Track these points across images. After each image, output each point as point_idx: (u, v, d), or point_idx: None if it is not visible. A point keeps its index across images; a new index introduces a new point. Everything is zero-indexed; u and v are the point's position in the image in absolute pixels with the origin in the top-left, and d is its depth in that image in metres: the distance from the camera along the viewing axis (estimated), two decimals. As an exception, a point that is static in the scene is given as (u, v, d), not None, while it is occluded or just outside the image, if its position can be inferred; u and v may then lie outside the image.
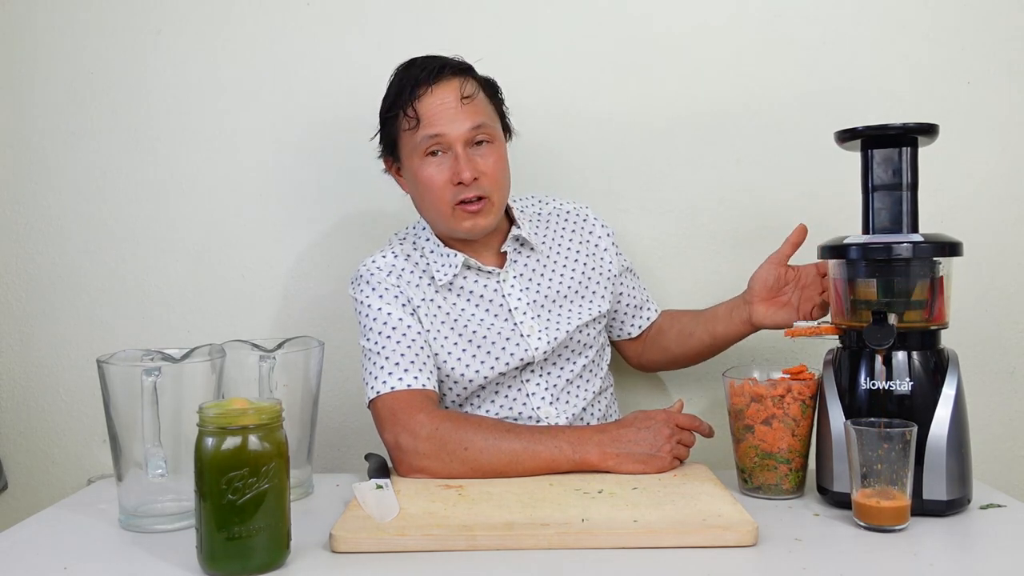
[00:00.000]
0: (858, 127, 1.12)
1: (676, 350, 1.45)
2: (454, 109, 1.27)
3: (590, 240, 1.43)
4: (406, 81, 1.29)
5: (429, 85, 1.27)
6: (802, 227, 1.30)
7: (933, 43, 1.57)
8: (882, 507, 0.99)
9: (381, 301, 1.30)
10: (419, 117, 1.27)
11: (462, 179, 1.26)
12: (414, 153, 1.29)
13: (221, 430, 0.90)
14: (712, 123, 1.59)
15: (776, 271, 1.31)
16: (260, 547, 0.90)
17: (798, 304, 1.29)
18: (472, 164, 1.27)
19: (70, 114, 1.63)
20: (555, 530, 0.96)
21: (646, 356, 1.50)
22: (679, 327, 1.45)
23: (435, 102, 1.27)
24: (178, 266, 1.63)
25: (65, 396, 1.65)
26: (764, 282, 1.31)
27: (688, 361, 1.47)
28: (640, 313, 1.48)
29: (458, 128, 1.27)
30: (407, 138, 1.30)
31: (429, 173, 1.28)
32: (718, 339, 1.39)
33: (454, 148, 1.27)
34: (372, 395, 1.25)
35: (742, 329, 1.36)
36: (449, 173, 1.27)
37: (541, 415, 1.33)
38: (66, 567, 0.95)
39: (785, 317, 1.30)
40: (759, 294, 1.32)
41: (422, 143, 1.27)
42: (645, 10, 1.59)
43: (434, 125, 1.27)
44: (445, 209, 1.29)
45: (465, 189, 1.27)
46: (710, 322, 1.40)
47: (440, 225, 1.33)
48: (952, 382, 1.06)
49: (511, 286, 1.36)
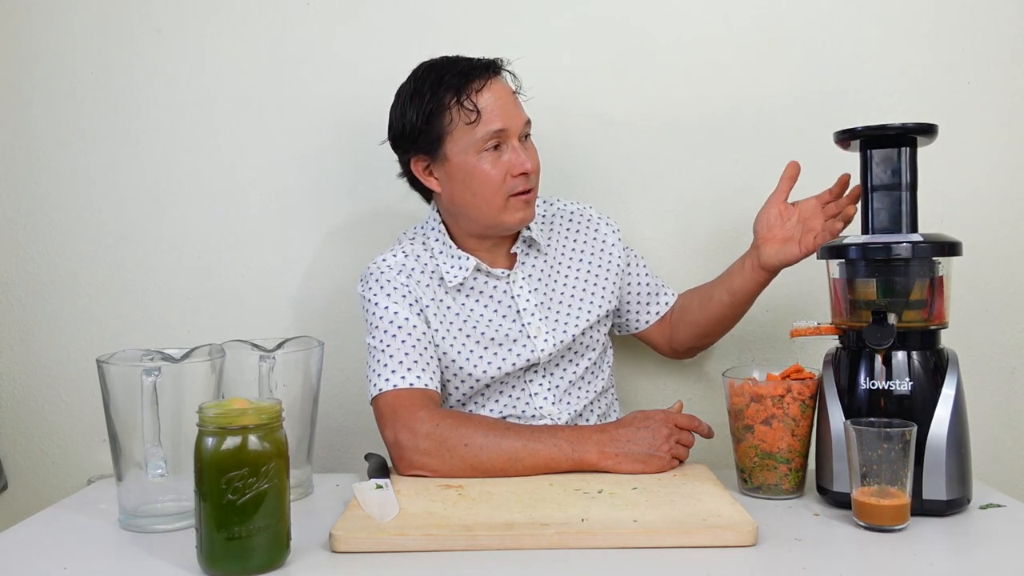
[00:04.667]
0: (857, 127, 1.12)
1: (701, 320, 1.43)
2: (513, 103, 1.30)
3: (596, 239, 1.43)
4: (457, 76, 1.28)
5: (487, 80, 1.28)
6: (794, 163, 1.31)
7: (933, 43, 1.57)
8: (882, 506, 0.99)
9: (388, 300, 1.30)
10: (479, 111, 1.27)
11: (526, 170, 1.28)
12: (469, 148, 1.28)
13: (221, 430, 0.90)
14: (712, 123, 1.59)
15: (775, 209, 1.31)
16: (260, 547, 0.90)
17: (800, 236, 1.29)
18: (529, 156, 1.30)
19: (70, 114, 1.63)
20: (555, 530, 0.96)
21: (676, 339, 1.48)
22: (699, 297, 1.44)
23: (494, 97, 1.28)
24: (178, 266, 1.63)
25: (65, 396, 1.65)
26: (766, 221, 1.31)
27: (716, 328, 1.44)
28: (656, 299, 1.47)
29: (517, 122, 1.29)
30: (463, 133, 1.28)
31: (486, 167, 1.28)
32: (737, 294, 1.37)
33: (510, 142, 1.29)
34: (375, 392, 1.25)
35: (756, 276, 1.34)
36: (507, 166, 1.28)
37: (544, 414, 1.33)
38: (66, 567, 0.95)
39: (790, 250, 1.29)
40: (763, 235, 1.32)
41: (483, 137, 1.27)
42: (646, 11, 1.59)
43: (497, 120, 1.27)
44: (500, 201, 1.30)
45: (524, 180, 1.29)
46: (726, 280, 1.39)
47: (488, 219, 1.32)
48: (952, 382, 1.06)
49: (520, 287, 1.36)
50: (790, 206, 1.31)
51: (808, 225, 1.29)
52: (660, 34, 1.60)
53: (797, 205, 1.31)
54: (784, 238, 1.30)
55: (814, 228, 1.28)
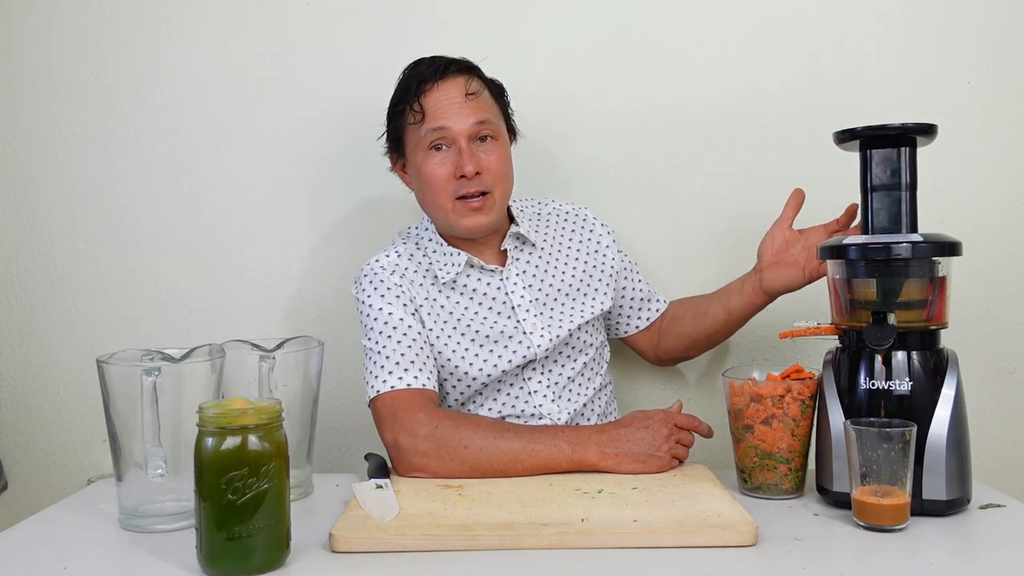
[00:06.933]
0: (857, 127, 1.12)
1: (692, 333, 1.44)
2: (459, 104, 1.29)
3: (591, 239, 1.44)
4: (413, 77, 1.32)
5: (435, 80, 1.30)
6: (798, 191, 1.32)
7: (933, 43, 1.57)
8: (882, 506, 0.99)
9: (383, 301, 1.30)
10: (424, 111, 1.29)
11: (464, 172, 1.27)
12: (418, 147, 1.31)
13: (221, 430, 0.90)
14: (712, 123, 1.59)
15: (781, 234, 1.32)
16: (260, 547, 0.90)
17: (804, 263, 1.29)
18: (475, 158, 1.28)
19: (70, 114, 1.63)
20: (555, 530, 0.96)
21: (663, 347, 1.49)
22: (693, 310, 1.44)
23: (440, 97, 1.29)
24: (178, 266, 1.63)
25: (65, 396, 1.65)
26: (771, 247, 1.32)
27: (706, 343, 1.45)
28: (647, 306, 1.48)
29: (462, 122, 1.29)
30: (412, 132, 1.31)
31: (431, 167, 1.30)
32: (733, 313, 1.38)
33: (458, 142, 1.29)
34: (372, 394, 1.25)
35: (755, 299, 1.35)
36: (452, 167, 1.29)
37: (543, 412, 1.33)
38: (66, 567, 0.95)
39: (794, 275, 1.30)
40: (768, 259, 1.32)
41: (426, 136, 1.29)
42: (646, 11, 1.59)
43: (438, 119, 1.28)
44: (446, 204, 1.30)
45: (467, 183, 1.28)
46: (724, 297, 1.39)
47: (441, 221, 1.34)
48: (952, 382, 1.06)
49: (514, 283, 1.36)
50: (796, 233, 1.32)
51: (814, 253, 1.29)
52: (660, 34, 1.59)
53: (804, 233, 1.31)
54: (789, 264, 1.31)
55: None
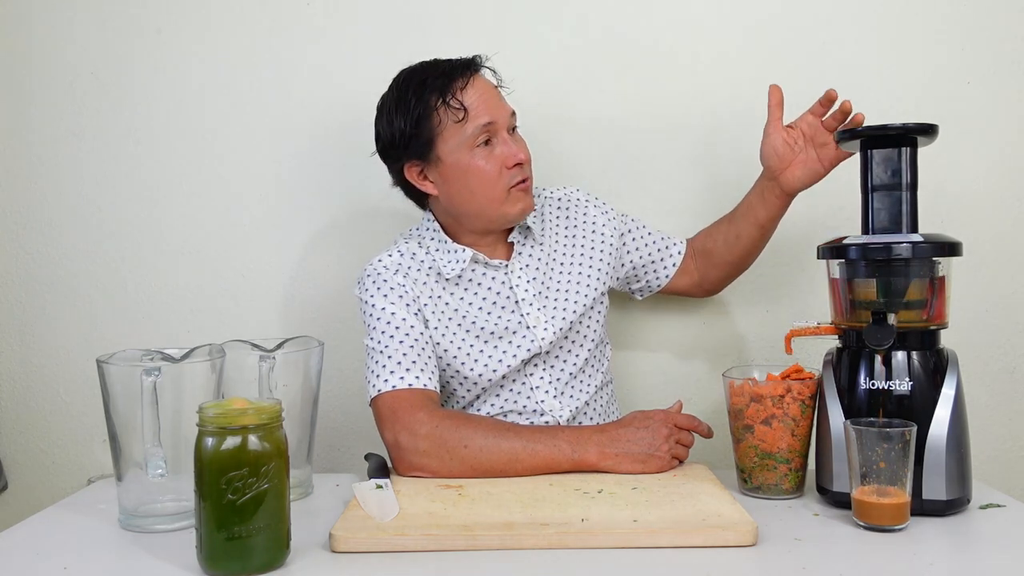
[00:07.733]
0: (857, 127, 1.12)
1: (732, 258, 1.44)
2: (497, 97, 1.32)
3: (586, 221, 1.44)
4: (437, 78, 1.29)
5: (468, 77, 1.30)
6: (775, 87, 1.33)
7: (933, 43, 1.57)
8: (882, 506, 0.99)
9: (385, 300, 1.30)
10: (466, 108, 1.28)
11: (520, 160, 1.30)
12: (462, 146, 1.29)
13: (221, 430, 0.90)
14: (712, 123, 1.59)
15: (778, 136, 1.31)
16: (260, 547, 0.90)
17: (818, 156, 1.29)
18: (521, 147, 1.32)
19: (70, 114, 1.63)
20: (555, 530, 0.96)
21: (707, 281, 1.49)
22: (723, 238, 1.43)
23: (479, 92, 1.29)
24: (178, 266, 1.63)
25: (65, 396, 1.65)
26: (775, 151, 1.31)
27: (748, 260, 1.45)
28: (666, 254, 1.47)
29: (504, 114, 1.31)
30: (453, 132, 1.29)
31: (482, 162, 1.29)
32: (766, 225, 1.38)
33: (500, 135, 1.30)
34: (373, 393, 1.25)
35: (780, 203, 1.35)
36: (501, 159, 1.29)
37: (545, 408, 1.34)
38: (66, 567, 0.95)
39: (813, 171, 1.30)
40: (777, 165, 1.32)
41: (473, 133, 1.28)
42: (645, 10, 1.59)
43: (483, 114, 1.28)
44: (500, 195, 1.30)
45: (520, 171, 1.31)
46: (749, 214, 1.39)
47: (490, 213, 1.32)
48: (952, 382, 1.06)
49: (519, 277, 1.36)
50: (791, 129, 1.31)
51: (817, 140, 1.29)
52: (661, 35, 1.59)
53: (796, 126, 1.31)
54: (803, 161, 1.30)
55: (825, 141, 1.28)
